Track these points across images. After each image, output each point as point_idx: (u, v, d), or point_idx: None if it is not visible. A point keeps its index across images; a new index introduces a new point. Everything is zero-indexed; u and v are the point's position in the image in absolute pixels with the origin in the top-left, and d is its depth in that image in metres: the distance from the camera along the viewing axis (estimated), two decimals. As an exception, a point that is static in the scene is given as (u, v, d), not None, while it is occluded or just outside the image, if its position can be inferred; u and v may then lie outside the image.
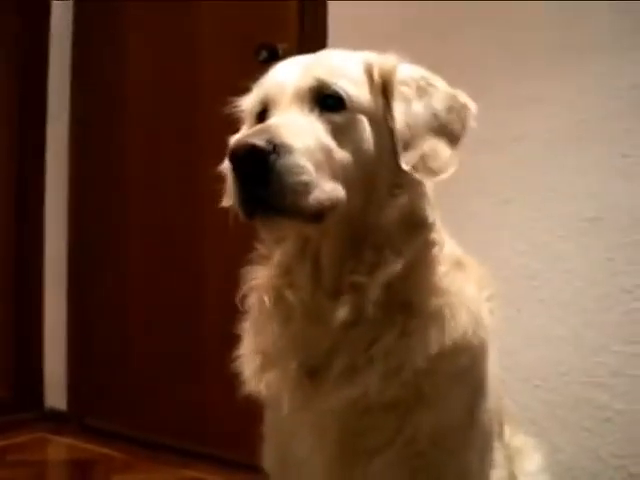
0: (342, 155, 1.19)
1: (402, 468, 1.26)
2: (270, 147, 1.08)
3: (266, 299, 1.30)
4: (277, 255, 1.31)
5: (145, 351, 3.35)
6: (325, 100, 1.23)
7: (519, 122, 2.39)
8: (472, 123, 1.31)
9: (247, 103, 1.41)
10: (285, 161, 1.09)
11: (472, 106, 1.32)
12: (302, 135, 1.14)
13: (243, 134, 1.20)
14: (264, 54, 2.71)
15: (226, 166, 1.38)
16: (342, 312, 1.21)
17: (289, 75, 1.27)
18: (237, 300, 1.40)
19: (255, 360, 1.34)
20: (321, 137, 1.18)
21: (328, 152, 1.17)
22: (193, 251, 3.20)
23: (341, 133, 1.21)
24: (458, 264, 1.34)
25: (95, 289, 3.49)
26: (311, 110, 1.22)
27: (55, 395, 3.57)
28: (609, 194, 2.26)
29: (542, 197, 2.36)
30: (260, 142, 1.08)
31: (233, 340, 2.99)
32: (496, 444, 1.47)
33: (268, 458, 1.43)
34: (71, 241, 3.55)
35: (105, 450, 3.19)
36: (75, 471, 3.03)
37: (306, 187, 1.11)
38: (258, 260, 1.37)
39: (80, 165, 3.52)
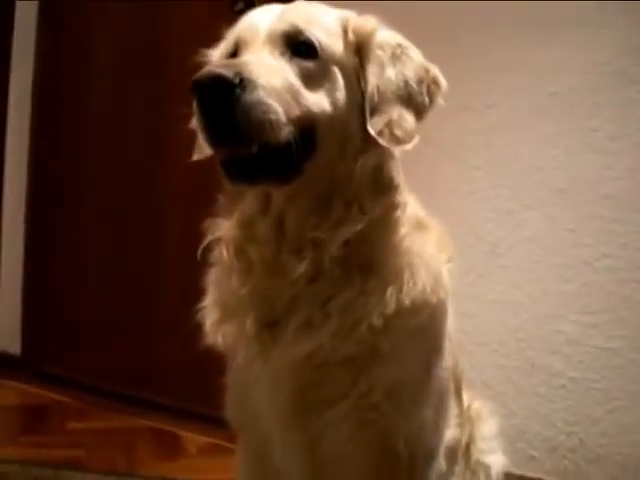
0: (313, 99, 1.19)
1: (355, 420, 1.28)
2: (236, 80, 1.07)
3: (225, 252, 1.29)
4: (239, 208, 1.30)
5: (101, 300, 3.32)
6: (298, 47, 1.22)
7: (490, 91, 2.41)
8: (440, 100, 1.31)
9: (218, 52, 1.39)
10: (251, 96, 1.09)
11: (443, 83, 1.31)
12: (269, 73, 1.14)
13: (209, 65, 1.18)
14: (240, 5, 2.67)
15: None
16: (301, 267, 1.22)
17: (263, 19, 1.26)
18: (198, 252, 1.38)
19: (215, 312, 1.35)
20: (289, 78, 1.17)
21: (296, 93, 1.16)
22: (152, 202, 3.17)
23: (312, 80, 1.20)
24: (419, 225, 1.34)
25: (52, 236, 3.44)
26: (282, 54, 1.21)
27: (9, 340, 3.52)
28: (576, 167, 2.30)
29: (510, 166, 2.39)
30: (227, 73, 1.07)
31: (190, 292, 3.00)
32: (452, 403, 1.49)
33: (230, 407, 1.43)
34: (30, 188, 3.48)
35: (59, 397, 3.17)
36: (28, 416, 3.02)
37: (271, 123, 1.10)
38: (220, 212, 1.36)
39: (44, 111, 3.45)
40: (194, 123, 1.36)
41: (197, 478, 2.52)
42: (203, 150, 1.32)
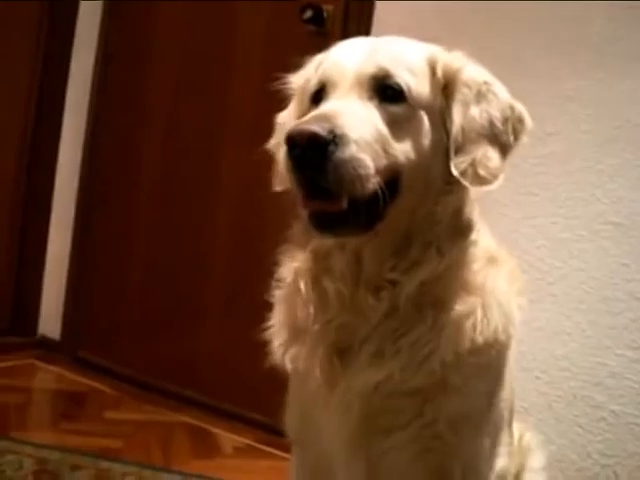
0: (399, 148, 1.20)
1: (417, 446, 1.31)
2: (330, 137, 1.08)
3: (302, 284, 1.32)
4: (315, 240, 1.32)
5: (146, 291, 3.36)
6: (385, 90, 1.22)
7: (554, 118, 2.41)
8: (525, 138, 1.31)
9: (298, 79, 1.40)
10: (343, 153, 1.10)
11: (528, 121, 1.31)
12: (361, 125, 1.14)
13: (303, 120, 1.16)
14: (309, 13, 2.70)
15: (274, 144, 1.40)
16: (379, 306, 1.25)
17: (351, 58, 1.25)
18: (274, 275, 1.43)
19: (283, 333, 1.38)
20: (379, 128, 1.18)
21: (385, 143, 1.17)
22: (206, 196, 3.20)
23: (399, 126, 1.20)
24: (491, 259, 1.35)
25: (101, 223, 3.47)
26: (370, 98, 1.21)
27: (49, 324, 3.57)
28: (634, 202, 2.29)
29: (568, 195, 2.39)
30: (322, 131, 1.08)
31: (237, 290, 3.05)
32: (504, 435, 1.51)
33: (290, 423, 1.47)
34: (83, 173, 3.52)
35: (96, 384, 3.22)
36: (67, 401, 3.07)
37: (361, 179, 1.12)
38: (294, 240, 1.38)
39: (101, 98, 3.48)
40: (272, 144, 1.40)
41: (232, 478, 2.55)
42: (285, 183, 1.33)
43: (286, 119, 1.39)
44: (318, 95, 1.27)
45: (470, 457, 1.36)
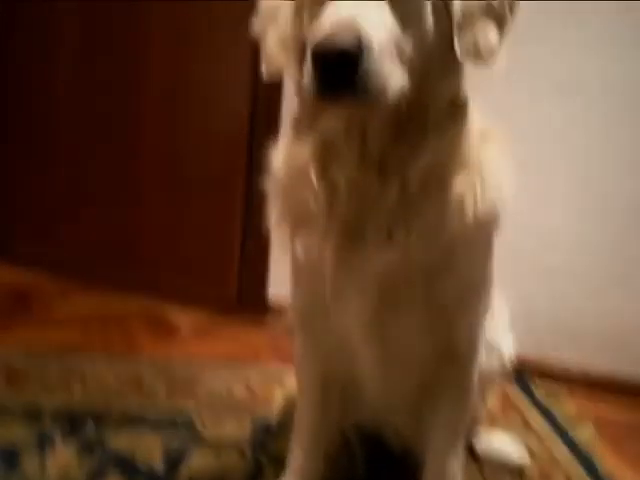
0: (407, 42, 1.20)
1: (425, 320, 1.41)
2: (358, 50, 1.08)
3: (312, 173, 1.33)
4: (318, 128, 1.32)
5: (76, 173, 3.30)
6: None
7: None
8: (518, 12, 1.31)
9: None
10: (370, 62, 1.10)
11: None
12: (380, 29, 1.14)
13: (325, 32, 1.11)
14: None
15: (260, 29, 1.37)
16: (390, 193, 1.28)
17: None
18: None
19: (288, 223, 1.41)
20: (394, 30, 1.17)
21: (399, 43, 1.18)
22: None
23: (407, 19, 1.20)
24: (483, 135, 1.39)
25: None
26: None
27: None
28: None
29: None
30: (351, 47, 1.08)
31: (173, 168, 3.02)
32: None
33: (299, 309, 1.54)
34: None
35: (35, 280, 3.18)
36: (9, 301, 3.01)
37: (385, 84, 1.13)
38: (294, 132, 1.39)
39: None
40: (258, 28, 1.36)
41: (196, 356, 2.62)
42: (274, 66, 1.32)
43: (270, 1, 1.36)
44: None
45: (472, 326, 1.49)
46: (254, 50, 1.40)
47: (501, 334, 1.83)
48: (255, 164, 2.64)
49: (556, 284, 2.69)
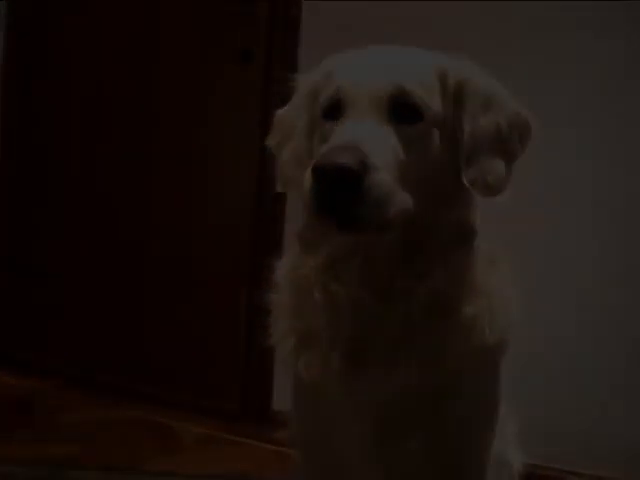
0: (413, 167, 1.20)
1: (430, 447, 1.35)
2: (360, 169, 1.09)
3: (315, 290, 1.31)
4: (322, 248, 1.31)
5: (86, 284, 3.32)
6: (402, 108, 1.22)
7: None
8: (530, 142, 1.32)
9: (304, 82, 1.39)
10: (373, 181, 1.10)
11: (533, 125, 1.32)
12: (384, 153, 1.15)
13: (329, 150, 1.14)
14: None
15: (274, 144, 1.40)
16: (394, 316, 1.26)
17: (366, 75, 1.25)
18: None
19: (292, 339, 1.37)
20: (399, 153, 1.18)
21: (404, 167, 1.18)
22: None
23: (414, 145, 1.21)
24: (491, 260, 1.38)
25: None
26: (389, 121, 1.21)
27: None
28: None
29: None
30: (353, 165, 1.08)
31: (181, 280, 3.04)
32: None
33: (299, 428, 1.49)
34: None
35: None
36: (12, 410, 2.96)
37: (387, 205, 1.13)
38: (300, 242, 1.37)
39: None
40: (272, 143, 1.40)
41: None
42: (288, 187, 1.35)
43: (286, 118, 1.39)
44: (332, 111, 1.26)
45: (480, 452, 1.43)
46: (260, 163, 1.42)
47: (511, 447, 1.76)
48: (258, 276, 2.67)
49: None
